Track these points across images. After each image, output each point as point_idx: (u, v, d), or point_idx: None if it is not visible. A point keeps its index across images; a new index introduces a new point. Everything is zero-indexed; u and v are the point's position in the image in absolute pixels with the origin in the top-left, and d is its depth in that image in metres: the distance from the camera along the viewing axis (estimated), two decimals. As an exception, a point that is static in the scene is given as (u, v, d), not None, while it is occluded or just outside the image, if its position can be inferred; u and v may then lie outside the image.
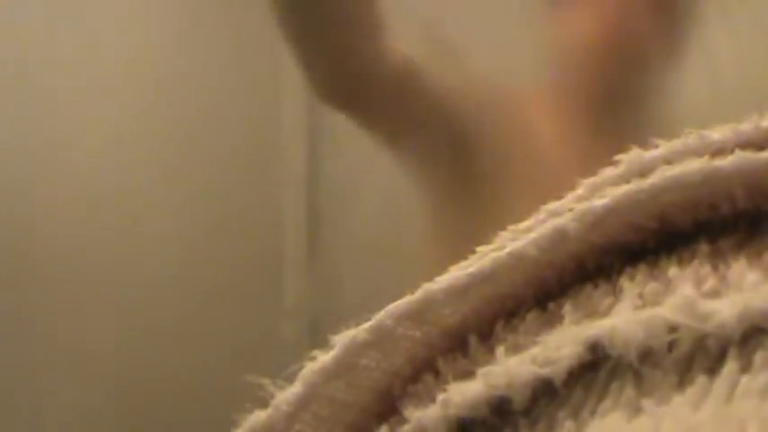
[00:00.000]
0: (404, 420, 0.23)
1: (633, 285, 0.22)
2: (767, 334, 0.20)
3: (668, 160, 0.23)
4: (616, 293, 0.23)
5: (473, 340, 0.24)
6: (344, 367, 0.24)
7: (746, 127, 0.23)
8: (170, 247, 1.47)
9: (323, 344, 0.25)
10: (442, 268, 0.24)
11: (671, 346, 0.21)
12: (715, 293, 0.21)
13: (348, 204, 1.72)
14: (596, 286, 0.23)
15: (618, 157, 0.24)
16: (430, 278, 0.24)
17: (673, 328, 0.21)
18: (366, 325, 0.24)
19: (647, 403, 0.21)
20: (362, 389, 0.24)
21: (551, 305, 0.23)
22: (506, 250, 0.23)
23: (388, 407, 0.24)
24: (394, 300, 0.24)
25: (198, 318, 1.51)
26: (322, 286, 2.38)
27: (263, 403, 0.24)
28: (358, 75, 1.08)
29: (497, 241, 0.24)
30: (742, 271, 0.22)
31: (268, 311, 2.24)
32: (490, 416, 0.22)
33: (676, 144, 0.24)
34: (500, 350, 0.23)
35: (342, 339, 0.24)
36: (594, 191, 0.24)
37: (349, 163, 1.62)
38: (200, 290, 1.54)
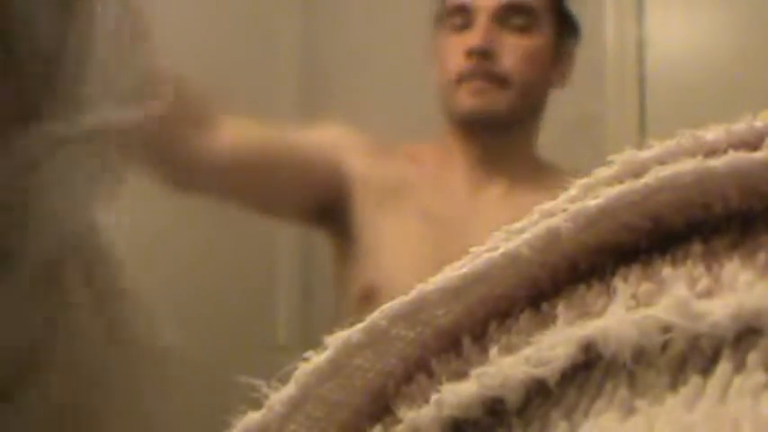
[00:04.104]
0: (398, 421, 0.23)
1: (626, 285, 0.22)
2: (760, 334, 0.20)
3: (662, 160, 0.23)
4: (609, 294, 0.23)
5: (466, 341, 0.24)
6: (338, 368, 0.24)
7: (740, 127, 0.23)
8: (164, 281, 1.46)
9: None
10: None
11: (664, 346, 0.21)
12: (708, 293, 0.21)
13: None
14: (590, 286, 0.23)
15: (611, 157, 0.24)
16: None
17: (666, 329, 0.21)
18: (360, 326, 0.24)
19: (640, 403, 0.21)
20: (356, 389, 0.24)
21: (545, 305, 0.23)
22: (500, 251, 0.23)
23: (382, 407, 0.24)
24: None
25: (189, 353, 1.50)
26: (315, 322, 2.38)
27: (257, 405, 0.24)
28: (189, 163, 1.20)
29: (491, 242, 0.24)
30: (735, 271, 0.22)
31: (261, 347, 2.23)
32: (484, 416, 0.22)
33: (670, 144, 0.24)
34: (493, 350, 0.23)
35: (335, 340, 0.24)
36: (588, 191, 0.24)
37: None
38: (192, 325, 1.53)
